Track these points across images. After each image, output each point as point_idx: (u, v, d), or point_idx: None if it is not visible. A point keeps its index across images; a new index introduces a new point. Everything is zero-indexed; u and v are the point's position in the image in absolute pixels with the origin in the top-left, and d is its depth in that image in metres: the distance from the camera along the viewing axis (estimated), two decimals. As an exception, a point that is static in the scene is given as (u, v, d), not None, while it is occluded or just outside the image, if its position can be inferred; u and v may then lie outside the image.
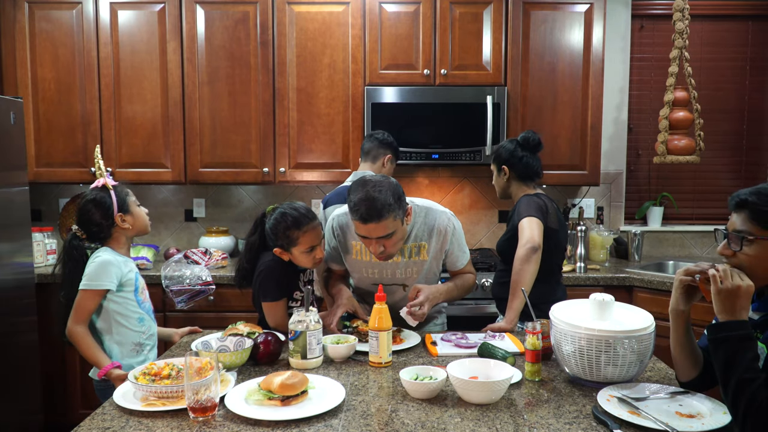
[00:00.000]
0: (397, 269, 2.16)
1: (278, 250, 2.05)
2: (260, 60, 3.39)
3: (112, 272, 1.96)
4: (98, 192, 2.04)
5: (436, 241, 2.13)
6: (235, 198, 3.83)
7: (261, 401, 1.47)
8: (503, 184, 2.47)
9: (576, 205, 3.80)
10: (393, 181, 1.99)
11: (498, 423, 1.39)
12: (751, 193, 1.41)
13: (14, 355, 2.80)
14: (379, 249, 1.97)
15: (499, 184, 2.49)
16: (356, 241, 2.14)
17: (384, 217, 1.89)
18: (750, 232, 1.39)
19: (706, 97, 3.78)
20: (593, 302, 1.66)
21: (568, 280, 3.17)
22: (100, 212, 2.01)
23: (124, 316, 2.00)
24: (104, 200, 2.02)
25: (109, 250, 2.02)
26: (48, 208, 3.80)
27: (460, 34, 3.37)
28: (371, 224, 1.89)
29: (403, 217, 1.98)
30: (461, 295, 2.26)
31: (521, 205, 2.33)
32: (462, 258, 2.22)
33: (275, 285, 2.07)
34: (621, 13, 3.76)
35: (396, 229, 1.95)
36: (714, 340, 1.35)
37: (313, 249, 2.04)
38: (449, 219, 2.15)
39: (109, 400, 1.54)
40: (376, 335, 1.78)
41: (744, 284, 1.35)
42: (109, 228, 2.03)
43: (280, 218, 2.03)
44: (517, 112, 3.41)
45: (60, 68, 3.42)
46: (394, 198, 1.91)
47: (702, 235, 3.87)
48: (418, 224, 2.13)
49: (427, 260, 2.15)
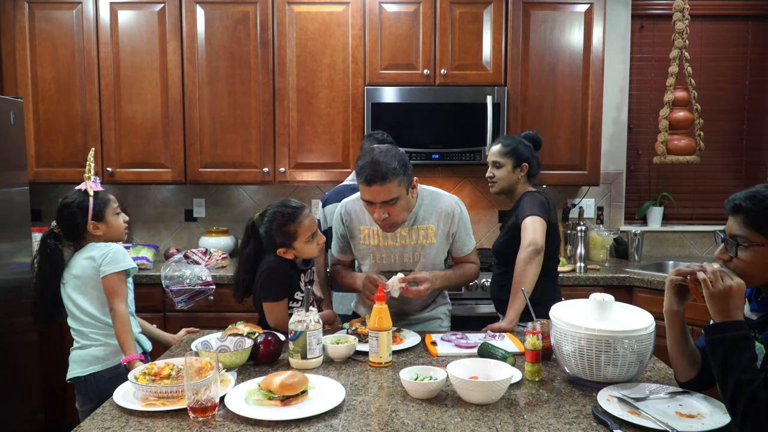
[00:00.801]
0: (404, 252, 2.16)
1: (281, 250, 2.05)
2: (260, 60, 3.39)
3: (128, 256, 2.05)
4: (79, 195, 2.07)
5: (443, 223, 2.14)
6: (235, 198, 3.83)
7: (261, 401, 1.47)
8: (515, 179, 2.42)
9: (576, 205, 3.80)
10: (400, 149, 2.03)
11: (498, 423, 1.39)
12: (745, 197, 1.40)
13: (14, 355, 2.80)
14: (383, 215, 1.99)
15: (509, 180, 2.42)
16: (364, 226, 2.17)
17: (388, 180, 1.92)
18: (745, 237, 1.39)
19: (706, 97, 3.78)
20: (593, 302, 1.66)
21: (568, 280, 3.17)
22: (76, 216, 2.05)
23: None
24: (81, 205, 2.05)
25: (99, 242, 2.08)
26: (48, 208, 3.80)
27: (460, 34, 3.37)
28: (375, 186, 1.93)
29: (408, 186, 2.01)
30: (461, 283, 2.26)
31: (525, 202, 2.32)
32: (468, 243, 2.22)
33: (278, 285, 2.06)
34: (621, 13, 3.76)
35: (400, 195, 1.97)
36: (711, 341, 1.35)
37: (314, 236, 2.07)
38: (456, 203, 2.18)
39: (109, 400, 1.54)
40: (376, 335, 1.78)
41: (735, 284, 1.34)
42: (82, 231, 2.07)
43: (274, 218, 2.04)
44: (517, 112, 3.41)
45: (60, 68, 3.42)
46: (399, 164, 1.95)
47: (702, 235, 3.87)
48: (425, 206, 2.15)
49: (434, 243, 2.15)
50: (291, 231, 2.03)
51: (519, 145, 2.43)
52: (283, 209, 2.05)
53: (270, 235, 2.05)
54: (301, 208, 2.07)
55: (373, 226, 2.16)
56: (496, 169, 2.44)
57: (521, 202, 2.35)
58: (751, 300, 1.49)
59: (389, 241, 2.16)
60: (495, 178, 2.45)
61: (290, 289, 2.11)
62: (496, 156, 2.44)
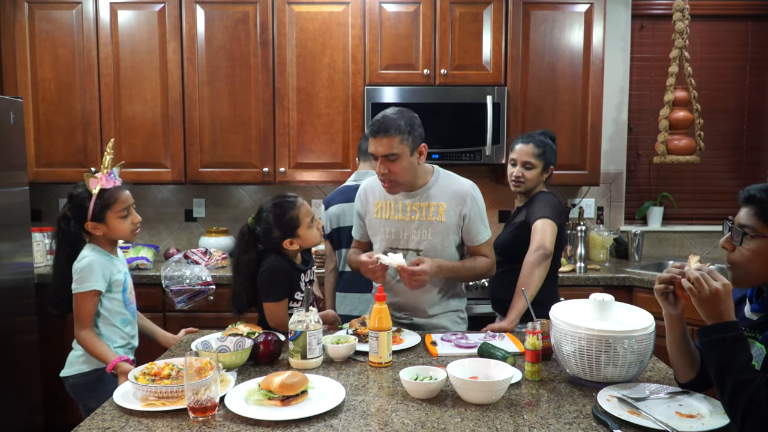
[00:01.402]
0: (414, 228, 2.15)
1: (287, 241, 2.06)
2: (260, 60, 3.39)
3: (99, 272, 1.94)
4: (83, 192, 1.99)
5: (455, 203, 2.13)
6: (235, 198, 3.83)
7: (261, 401, 1.47)
8: (541, 181, 2.42)
9: (576, 205, 3.80)
10: (414, 114, 2.09)
11: (498, 423, 1.39)
12: (761, 189, 1.40)
13: (14, 355, 2.80)
14: (383, 170, 2.04)
15: (536, 182, 2.41)
16: (378, 200, 2.21)
17: (390, 133, 2.00)
18: (753, 227, 1.39)
19: (706, 97, 3.78)
20: (593, 302, 1.66)
21: (568, 280, 3.17)
22: (77, 214, 1.99)
23: (109, 317, 2.00)
24: (83, 204, 1.98)
25: (95, 248, 2.00)
26: (48, 208, 3.80)
27: (460, 34, 3.37)
28: (378, 138, 2.01)
29: (413, 148, 2.06)
30: (470, 276, 2.20)
31: (538, 202, 2.30)
32: (482, 233, 2.17)
33: (279, 285, 2.07)
34: (621, 13, 3.76)
35: (402, 153, 2.02)
36: (706, 344, 1.34)
37: (312, 220, 2.12)
38: (471, 186, 2.18)
39: (109, 400, 1.54)
40: (376, 335, 1.78)
41: (721, 286, 1.33)
42: (80, 230, 2.00)
43: (273, 210, 2.08)
44: (517, 112, 3.41)
45: (60, 68, 3.42)
46: (406, 123, 2.03)
47: (702, 235, 3.87)
48: (439, 185, 2.16)
49: (444, 222, 2.13)
50: (293, 217, 2.07)
51: (548, 147, 2.40)
52: (279, 200, 2.12)
53: (270, 231, 2.06)
54: (295, 196, 2.14)
55: (387, 200, 2.18)
56: (527, 170, 2.39)
57: (535, 201, 2.33)
58: (752, 300, 1.48)
59: (400, 215, 2.16)
60: (523, 179, 2.40)
61: (290, 289, 2.11)
62: (528, 156, 2.39)
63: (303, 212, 2.09)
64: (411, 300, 2.19)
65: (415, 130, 2.05)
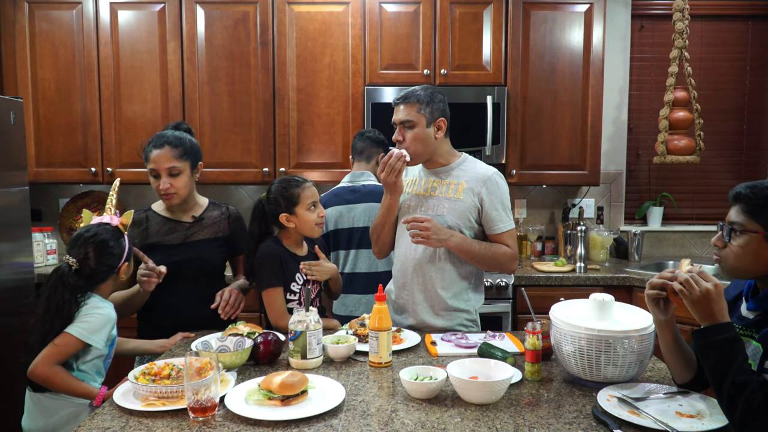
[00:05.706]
0: (430, 202, 2.15)
1: (284, 216, 2.11)
2: (260, 60, 3.39)
3: (108, 332, 1.79)
4: (110, 232, 1.81)
5: (475, 184, 2.13)
6: (235, 198, 3.83)
7: (261, 401, 1.47)
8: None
9: (576, 205, 3.80)
10: (440, 89, 2.17)
11: (498, 423, 1.39)
12: (747, 187, 1.44)
13: (14, 355, 2.80)
14: (398, 137, 2.11)
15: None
16: (411, 177, 2.27)
17: (409, 101, 2.08)
18: (740, 224, 1.42)
19: (706, 97, 3.78)
20: (593, 302, 1.66)
21: (568, 280, 3.17)
22: (107, 259, 1.81)
23: (87, 369, 1.82)
24: (116, 247, 1.81)
25: (103, 301, 1.83)
26: (48, 208, 3.80)
27: (460, 34, 3.37)
28: (398, 106, 2.11)
29: (431, 119, 2.10)
30: (487, 259, 2.09)
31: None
32: (503, 220, 2.11)
33: (271, 271, 2.10)
34: (621, 13, 3.76)
35: (417, 122, 2.08)
36: (701, 347, 1.34)
37: (315, 205, 2.15)
38: (495, 172, 2.18)
39: (109, 400, 1.54)
40: (376, 335, 1.78)
41: (712, 286, 1.33)
42: (107, 275, 1.83)
43: (279, 184, 2.17)
44: (517, 112, 3.41)
45: (60, 68, 3.42)
46: (426, 95, 2.10)
47: (702, 235, 3.87)
48: (464, 167, 2.19)
49: (461, 200, 2.11)
50: (295, 194, 2.12)
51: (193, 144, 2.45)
52: (287, 177, 2.22)
53: (273, 201, 2.13)
54: (305, 179, 2.20)
55: (415, 177, 2.25)
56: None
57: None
58: (748, 299, 1.49)
59: (421, 190, 2.20)
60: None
61: (284, 276, 2.11)
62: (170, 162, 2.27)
63: (306, 194, 2.13)
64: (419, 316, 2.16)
65: (435, 103, 2.10)
